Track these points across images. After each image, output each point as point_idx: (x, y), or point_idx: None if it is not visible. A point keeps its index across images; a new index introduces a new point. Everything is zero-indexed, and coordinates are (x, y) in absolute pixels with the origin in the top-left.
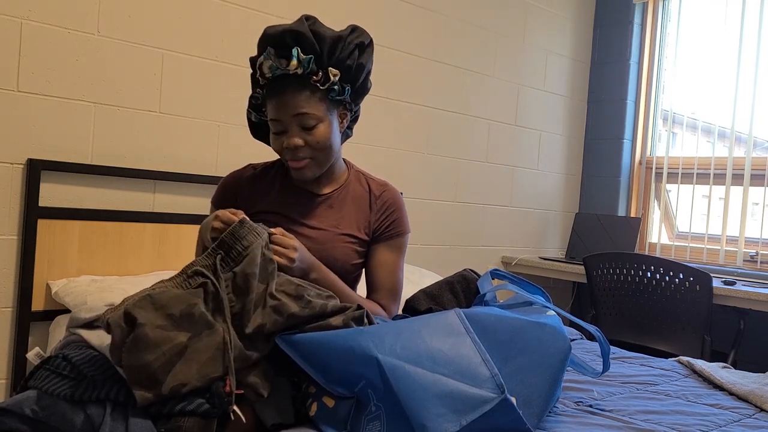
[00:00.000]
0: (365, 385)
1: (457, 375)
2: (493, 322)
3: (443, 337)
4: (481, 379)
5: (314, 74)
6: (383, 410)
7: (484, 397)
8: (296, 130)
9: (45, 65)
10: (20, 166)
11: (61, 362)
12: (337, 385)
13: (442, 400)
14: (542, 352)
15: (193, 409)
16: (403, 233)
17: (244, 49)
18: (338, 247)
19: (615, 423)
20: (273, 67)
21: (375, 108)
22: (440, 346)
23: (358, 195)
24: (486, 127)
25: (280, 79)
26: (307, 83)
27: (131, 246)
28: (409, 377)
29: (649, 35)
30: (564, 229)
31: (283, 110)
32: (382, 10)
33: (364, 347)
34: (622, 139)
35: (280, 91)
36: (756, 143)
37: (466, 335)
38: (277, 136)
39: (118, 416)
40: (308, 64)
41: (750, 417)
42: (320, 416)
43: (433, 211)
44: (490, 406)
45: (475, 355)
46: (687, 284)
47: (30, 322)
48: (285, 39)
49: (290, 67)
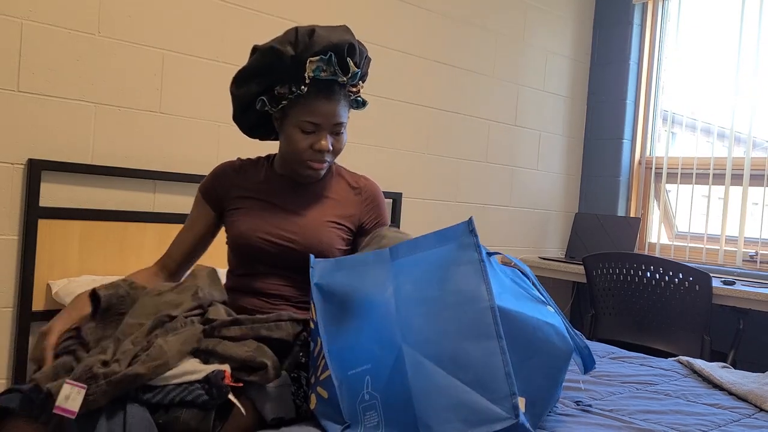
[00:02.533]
0: (365, 371)
1: (476, 384)
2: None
3: (472, 338)
4: (499, 394)
5: (354, 86)
6: (379, 400)
7: (496, 415)
8: (328, 135)
9: (45, 65)
10: (21, 166)
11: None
12: (336, 358)
13: (453, 406)
14: (549, 352)
15: (192, 399)
16: (385, 223)
17: (244, 49)
18: (324, 232)
19: (614, 423)
20: (320, 69)
21: (375, 108)
22: (467, 347)
23: (341, 186)
24: (486, 127)
25: (327, 84)
26: (346, 93)
27: (132, 246)
28: (427, 377)
29: (649, 35)
30: (564, 229)
31: (329, 116)
32: (383, 10)
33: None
34: (622, 139)
35: (330, 98)
36: (755, 143)
37: (496, 340)
38: (305, 135)
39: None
40: (356, 77)
41: (749, 417)
42: (320, 409)
43: (433, 211)
44: (501, 426)
45: (500, 366)
46: (686, 284)
47: (30, 322)
48: (344, 49)
49: (342, 77)
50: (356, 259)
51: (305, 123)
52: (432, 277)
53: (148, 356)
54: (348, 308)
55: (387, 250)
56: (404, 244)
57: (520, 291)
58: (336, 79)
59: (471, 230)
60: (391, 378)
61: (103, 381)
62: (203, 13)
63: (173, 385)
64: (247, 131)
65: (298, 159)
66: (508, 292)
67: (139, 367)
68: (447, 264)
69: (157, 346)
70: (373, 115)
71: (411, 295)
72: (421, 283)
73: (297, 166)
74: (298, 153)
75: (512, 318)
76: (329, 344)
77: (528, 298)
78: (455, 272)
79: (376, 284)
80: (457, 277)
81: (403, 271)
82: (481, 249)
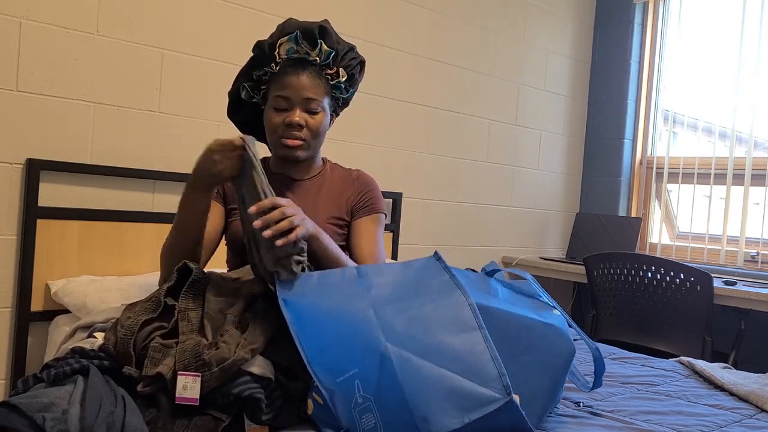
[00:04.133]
0: (354, 376)
1: (465, 372)
2: (503, 317)
3: (454, 332)
4: (488, 377)
5: (329, 68)
6: (372, 401)
7: (489, 396)
8: (301, 111)
9: (44, 65)
10: (19, 165)
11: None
12: (321, 368)
13: (446, 395)
14: (548, 352)
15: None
16: (379, 209)
17: (244, 49)
18: None
19: (616, 423)
20: (292, 50)
21: (375, 108)
22: (450, 340)
23: (336, 179)
24: (486, 127)
25: (298, 62)
26: (321, 74)
27: (131, 246)
28: (416, 371)
29: (650, 35)
30: (564, 229)
31: (296, 89)
32: (383, 10)
33: (373, 337)
34: (623, 138)
35: (298, 73)
36: (757, 143)
37: (478, 331)
38: (278, 112)
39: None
40: (328, 57)
41: (751, 417)
42: (317, 414)
43: (433, 211)
44: (495, 407)
45: (485, 352)
46: (688, 284)
47: (29, 323)
48: (313, 30)
49: (312, 54)
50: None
51: (277, 99)
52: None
53: (246, 340)
54: (323, 319)
55: (354, 268)
56: (370, 266)
57: (519, 298)
58: (307, 58)
59: (438, 259)
60: (381, 378)
61: (216, 368)
62: (203, 12)
63: (253, 376)
64: (240, 128)
65: (274, 139)
66: (499, 298)
67: (243, 352)
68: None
69: (252, 330)
70: (373, 114)
71: (388, 300)
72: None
73: (275, 147)
74: (273, 132)
75: (496, 315)
76: (311, 357)
77: (528, 303)
78: (428, 286)
79: (349, 295)
80: (431, 287)
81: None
82: (452, 271)
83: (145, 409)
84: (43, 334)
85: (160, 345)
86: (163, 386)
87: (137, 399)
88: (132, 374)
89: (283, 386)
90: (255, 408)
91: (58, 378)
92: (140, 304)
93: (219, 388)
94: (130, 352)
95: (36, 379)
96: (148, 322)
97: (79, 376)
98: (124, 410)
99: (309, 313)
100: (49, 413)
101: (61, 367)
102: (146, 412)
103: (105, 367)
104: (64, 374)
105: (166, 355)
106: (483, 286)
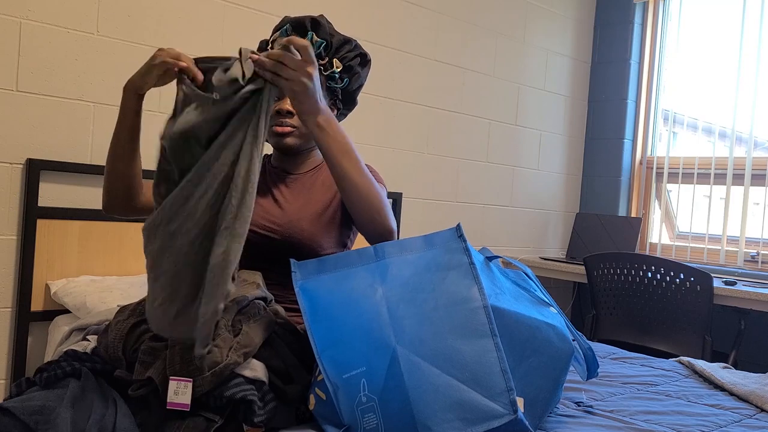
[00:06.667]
0: (361, 374)
1: (472, 381)
2: (514, 320)
3: (466, 336)
4: (495, 390)
5: (321, 59)
6: (377, 402)
7: (495, 411)
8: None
9: (44, 65)
10: (19, 166)
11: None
12: (329, 362)
13: (451, 405)
14: (551, 353)
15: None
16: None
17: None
18: (306, 221)
19: (615, 423)
20: None
21: (375, 108)
22: (461, 346)
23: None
24: (486, 127)
25: None
26: None
27: (131, 246)
28: (424, 376)
29: (650, 35)
30: (564, 229)
31: None
32: (383, 10)
33: (384, 337)
34: (623, 138)
35: None
36: (756, 143)
37: (490, 338)
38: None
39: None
40: (319, 47)
41: (751, 417)
42: (318, 410)
43: (433, 211)
44: (500, 423)
45: (495, 363)
46: (687, 284)
47: (29, 323)
48: (304, 22)
49: None
50: (339, 258)
51: None
52: (421, 280)
53: (239, 344)
54: (337, 311)
55: (371, 249)
56: (390, 244)
57: (520, 292)
58: None
59: (459, 236)
60: (387, 380)
61: (209, 373)
62: (203, 12)
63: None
64: None
65: (269, 131)
66: (506, 294)
67: (235, 356)
68: (436, 268)
69: (245, 333)
70: (374, 114)
71: (401, 297)
72: (410, 286)
73: (270, 138)
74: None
75: (508, 317)
76: (321, 348)
77: (529, 300)
78: (445, 276)
79: (364, 286)
80: (447, 280)
81: (390, 272)
82: (471, 252)
83: (137, 412)
84: (43, 334)
85: (150, 348)
86: (155, 388)
87: (129, 402)
88: (123, 377)
89: (279, 390)
90: (248, 410)
91: (50, 381)
92: (131, 306)
93: (212, 390)
94: (120, 356)
95: (29, 382)
96: (138, 324)
97: (71, 379)
98: (115, 413)
99: (323, 304)
100: (41, 416)
101: (53, 371)
102: (138, 414)
103: (98, 370)
104: (57, 377)
105: (156, 358)
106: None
